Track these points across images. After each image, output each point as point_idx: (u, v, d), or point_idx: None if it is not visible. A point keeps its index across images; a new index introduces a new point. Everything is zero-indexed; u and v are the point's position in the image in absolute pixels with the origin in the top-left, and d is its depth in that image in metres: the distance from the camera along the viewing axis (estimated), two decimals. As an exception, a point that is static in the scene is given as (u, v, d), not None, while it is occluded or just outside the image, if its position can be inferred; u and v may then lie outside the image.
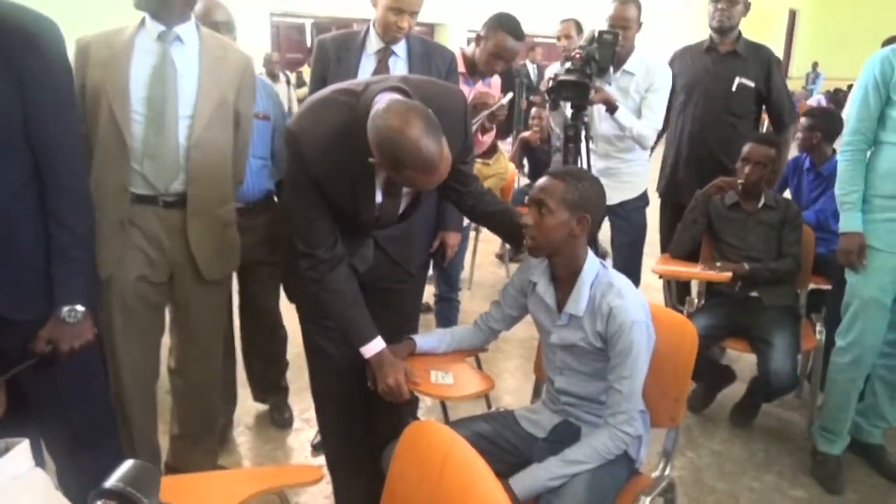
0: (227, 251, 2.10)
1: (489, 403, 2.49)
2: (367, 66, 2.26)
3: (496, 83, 3.01)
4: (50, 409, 1.69)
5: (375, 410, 1.93)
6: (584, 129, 2.61)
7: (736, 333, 2.72)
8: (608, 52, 2.64)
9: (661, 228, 3.42)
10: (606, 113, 2.76)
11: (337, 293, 1.69)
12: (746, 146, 2.78)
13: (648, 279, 3.11)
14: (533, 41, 9.71)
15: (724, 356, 3.28)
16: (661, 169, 3.43)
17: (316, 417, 2.11)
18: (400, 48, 2.28)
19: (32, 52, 1.47)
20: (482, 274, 4.79)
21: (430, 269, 2.38)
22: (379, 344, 1.70)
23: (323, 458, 2.18)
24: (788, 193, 3.37)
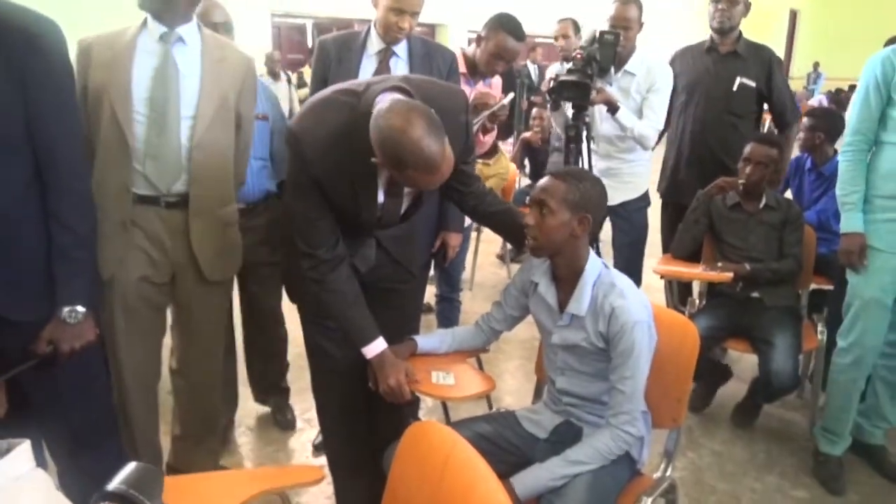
0: (228, 252, 2.10)
1: (490, 404, 2.49)
2: (368, 66, 2.26)
3: (497, 83, 3.01)
4: (51, 409, 1.69)
5: (377, 411, 1.93)
6: (585, 129, 2.61)
7: (737, 334, 2.72)
8: (609, 52, 2.64)
9: (662, 229, 3.41)
10: (608, 113, 2.76)
11: (338, 293, 1.69)
12: (748, 146, 2.78)
13: (650, 279, 3.11)
14: (534, 41, 9.72)
15: (725, 357, 3.27)
16: (661, 169, 3.42)
17: (317, 418, 2.11)
18: (401, 48, 2.28)
19: (34, 53, 1.47)
20: (483, 274, 4.79)
21: (431, 269, 2.38)
22: (380, 344, 1.70)
23: (324, 458, 2.18)
24: (790, 194, 3.37)
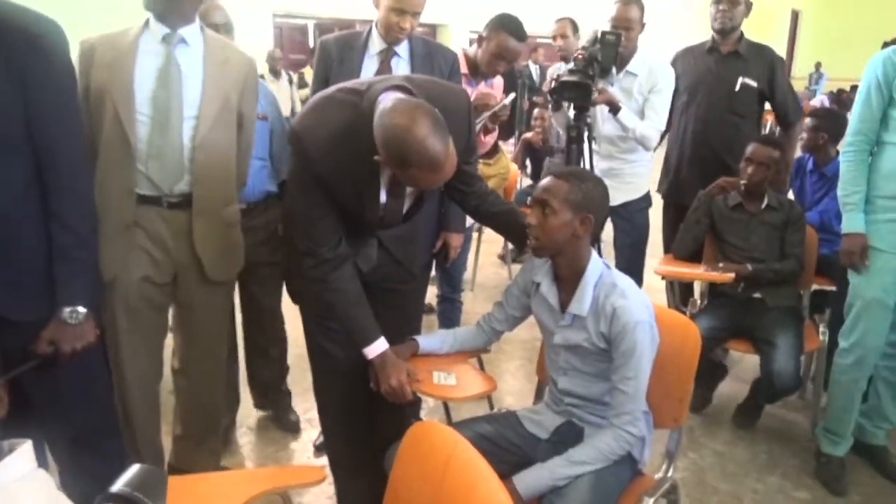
0: (231, 252, 2.10)
1: (491, 404, 2.48)
2: (369, 66, 2.26)
3: (498, 84, 3.01)
4: (52, 410, 1.69)
5: (378, 411, 1.93)
6: (586, 129, 2.61)
7: (739, 334, 2.71)
8: (611, 52, 2.64)
9: (663, 229, 3.41)
10: (609, 114, 2.76)
11: (340, 293, 1.69)
12: (750, 147, 2.78)
13: (651, 280, 3.10)
14: (535, 42, 9.70)
15: (726, 357, 3.27)
16: (662, 169, 3.42)
17: (319, 418, 2.11)
18: (402, 49, 2.28)
19: (35, 53, 1.47)
20: (485, 275, 4.79)
21: (432, 269, 2.38)
22: (382, 345, 1.70)
23: (325, 458, 2.18)
24: (791, 194, 3.36)
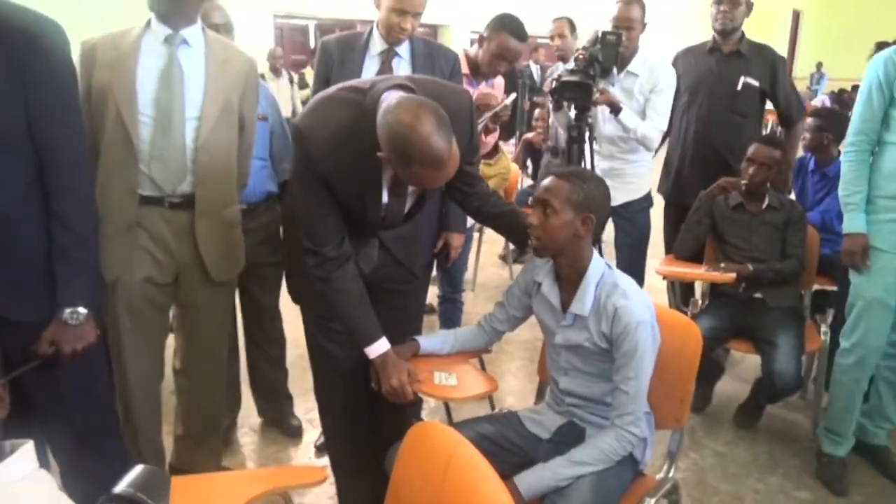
0: (232, 252, 2.10)
1: (493, 405, 2.48)
2: (370, 67, 2.26)
3: (499, 84, 3.01)
4: (53, 410, 1.69)
5: (379, 411, 1.93)
6: (587, 130, 2.60)
7: (740, 334, 2.71)
8: (612, 52, 2.64)
9: (664, 229, 3.41)
10: (611, 115, 2.75)
11: (343, 292, 1.68)
12: (751, 147, 2.78)
13: (652, 280, 3.10)
14: (536, 42, 9.68)
15: (727, 357, 3.27)
16: (663, 169, 3.42)
17: (320, 419, 2.11)
18: (403, 49, 2.28)
19: (36, 53, 1.47)
20: (485, 275, 4.79)
21: (433, 270, 2.38)
22: (384, 345, 1.70)
23: (326, 458, 2.18)
24: (793, 195, 3.36)
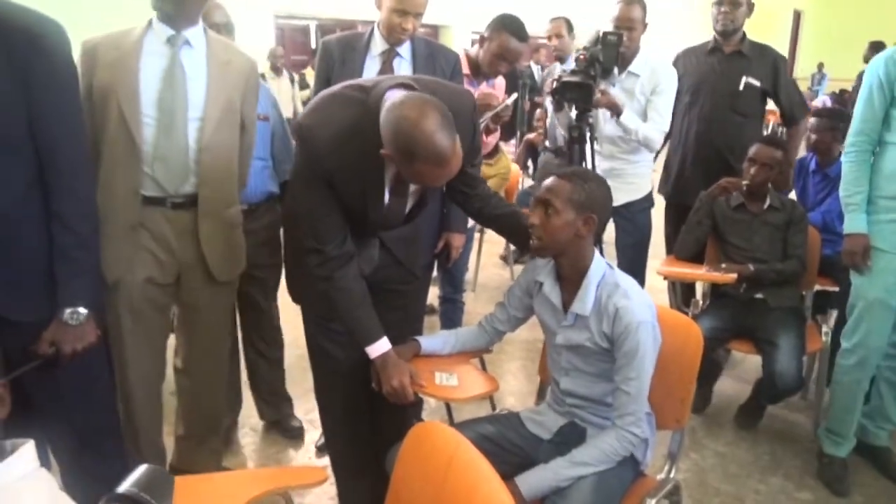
0: (234, 252, 2.10)
1: (493, 405, 2.48)
2: (371, 67, 2.26)
3: (500, 84, 3.01)
4: (53, 410, 1.69)
5: (380, 412, 1.93)
6: (588, 130, 2.60)
7: (741, 335, 2.71)
8: (612, 53, 2.64)
9: (666, 230, 3.41)
10: (612, 118, 2.75)
11: (345, 291, 1.68)
12: (753, 147, 2.77)
13: (653, 280, 3.10)
14: (537, 43, 9.68)
15: (728, 358, 3.26)
16: (664, 170, 3.42)
17: (320, 419, 2.11)
18: (404, 49, 2.28)
19: (37, 53, 1.47)
20: (486, 275, 4.79)
21: (434, 270, 2.38)
22: (385, 345, 1.70)
23: (327, 459, 2.18)
24: (794, 195, 3.36)
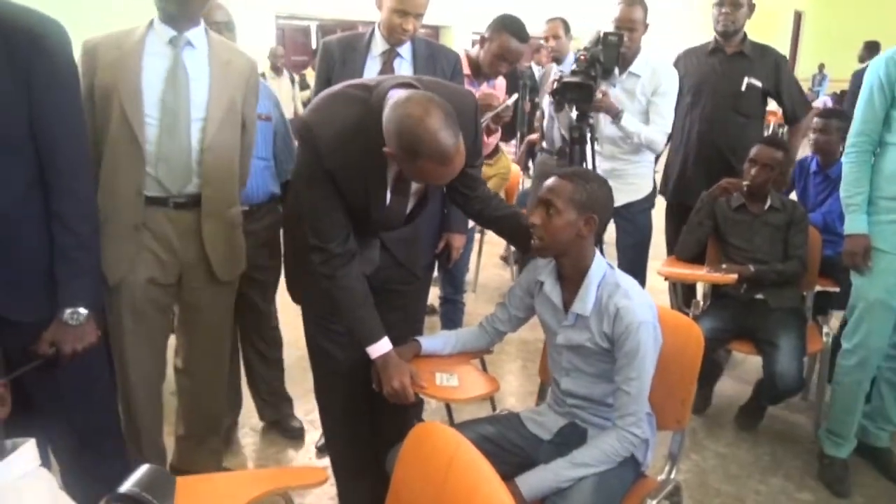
0: (235, 252, 2.11)
1: (494, 406, 2.48)
2: (372, 67, 2.26)
3: (501, 85, 3.01)
4: (53, 410, 1.69)
5: (380, 412, 1.93)
6: (589, 131, 2.60)
7: (741, 335, 2.71)
8: (613, 53, 2.64)
9: (666, 230, 3.41)
10: (612, 124, 2.75)
11: (348, 290, 1.68)
12: (754, 148, 2.77)
13: (653, 281, 3.10)
14: (538, 43, 9.69)
15: (729, 358, 3.26)
16: (665, 171, 3.41)
17: (320, 420, 2.11)
18: (405, 50, 2.28)
19: (38, 53, 1.47)
20: (487, 276, 4.79)
21: (434, 271, 2.38)
22: (386, 345, 1.69)
23: (327, 459, 2.18)
24: (795, 195, 3.36)
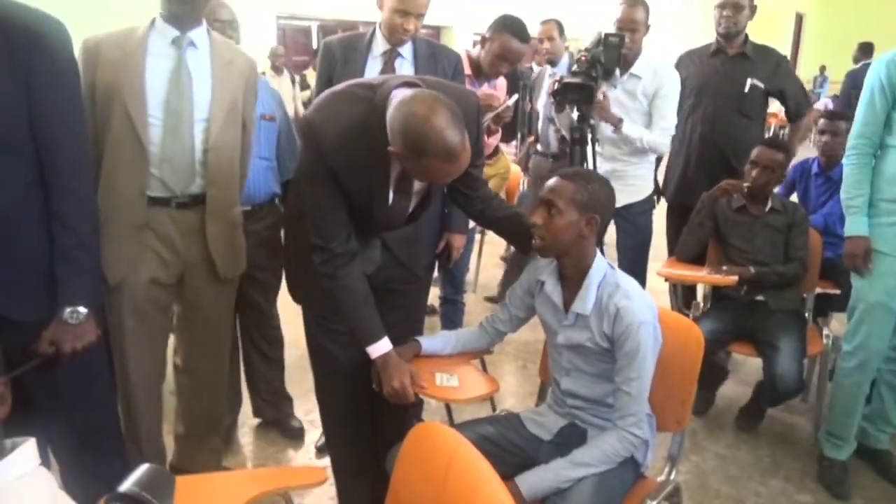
0: (236, 251, 2.11)
1: (494, 406, 2.48)
2: (373, 67, 2.25)
3: (501, 85, 3.01)
4: (53, 409, 1.69)
5: (380, 412, 1.93)
6: (590, 131, 2.60)
7: (742, 337, 2.71)
8: (614, 54, 2.64)
9: (667, 231, 3.40)
10: (614, 133, 2.74)
11: (349, 289, 1.68)
12: (755, 150, 2.77)
13: (654, 282, 3.10)
14: (538, 44, 9.70)
15: (729, 360, 3.26)
16: (666, 172, 3.41)
17: (321, 419, 2.11)
18: (406, 50, 2.28)
19: (40, 52, 1.47)
20: (487, 276, 4.78)
21: (434, 271, 2.38)
22: (386, 345, 1.69)
23: (327, 459, 2.18)
24: (796, 197, 3.36)
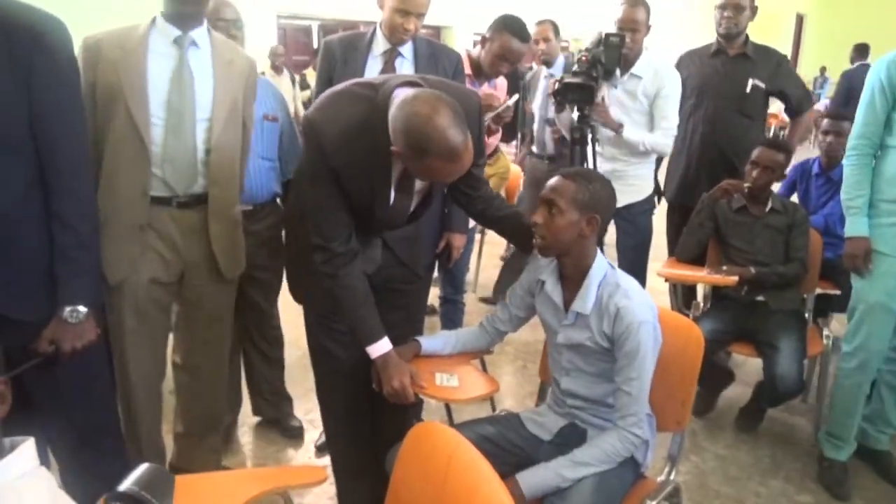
0: (237, 251, 2.11)
1: (493, 406, 2.48)
2: (373, 67, 2.25)
3: (502, 85, 3.01)
4: (52, 408, 1.69)
5: (380, 412, 1.92)
6: (590, 131, 2.60)
7: (742, 337, 2.71)
8: (614, 54, 2.64)
9: (668, 232, 3.41)
10: (615, 136, 2.74)
11: (350, 289, 1.68)
12: (756, 150, 2.77)
13: (654, 282, 3.10)
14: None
15: (729, 360, 3.26)
16: (667, 173, 3.41)
17: (321, 419, 2.11)
18: (406, 49, 2.27)
19: (41, 51, 1.47)
20: (487, 276, 4.78)
21: (435, 270, 2.38)
22: (386, 345, 1.69)
23: (327, 458, 2.18)
24: (796, 198, 3.36)
